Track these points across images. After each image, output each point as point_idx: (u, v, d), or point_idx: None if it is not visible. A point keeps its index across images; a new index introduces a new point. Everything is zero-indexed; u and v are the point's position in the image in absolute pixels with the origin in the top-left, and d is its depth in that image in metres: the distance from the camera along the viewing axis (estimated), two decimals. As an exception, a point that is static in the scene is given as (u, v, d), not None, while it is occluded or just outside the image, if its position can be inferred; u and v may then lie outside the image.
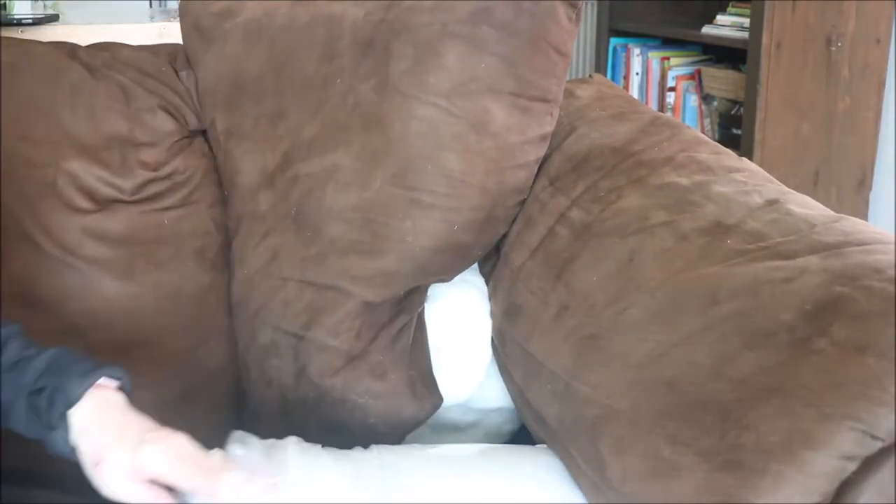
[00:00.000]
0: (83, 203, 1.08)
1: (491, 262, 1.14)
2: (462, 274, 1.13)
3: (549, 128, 1.09)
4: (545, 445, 0.95)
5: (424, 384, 1.07)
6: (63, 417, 0.74)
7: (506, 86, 1.03)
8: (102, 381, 0.76)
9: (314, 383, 1.05)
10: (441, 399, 1.08)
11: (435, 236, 1.03)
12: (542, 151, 1.09)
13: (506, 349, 1.06)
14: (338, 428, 1.05)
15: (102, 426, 0.75)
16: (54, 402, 0.74)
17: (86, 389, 0.75)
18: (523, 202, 1.10)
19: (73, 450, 0.74)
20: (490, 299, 1.11)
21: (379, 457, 0.92)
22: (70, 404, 0.74)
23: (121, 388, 0.78)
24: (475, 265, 1.16)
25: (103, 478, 0.73)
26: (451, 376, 1.08)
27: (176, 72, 1.20)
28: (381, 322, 1.06)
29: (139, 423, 0.76)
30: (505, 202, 1.07)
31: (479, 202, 1.04)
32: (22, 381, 0.76)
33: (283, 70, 1.13)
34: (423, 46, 1.04)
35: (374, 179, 1.04)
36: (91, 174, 1.08)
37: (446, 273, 1.09)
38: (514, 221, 1.11)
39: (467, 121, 1.02)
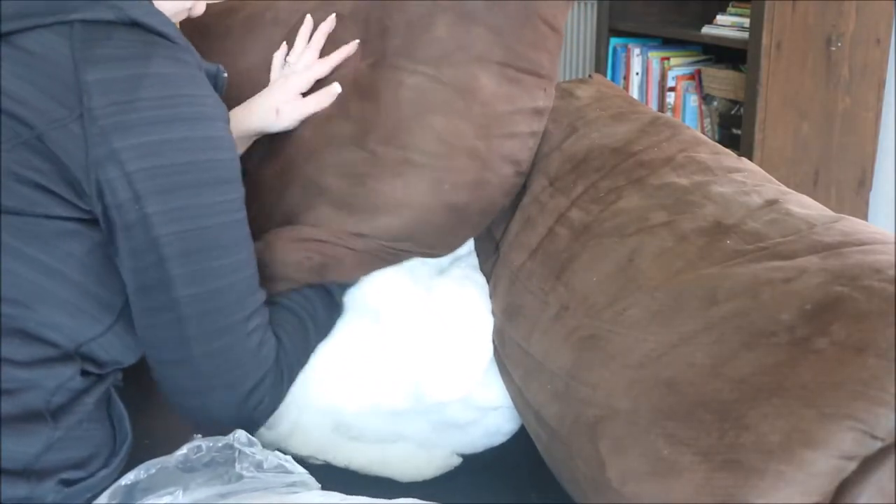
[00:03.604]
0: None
1: (491, 261, 1.14)
2: (463, 271, 1.14)
3: (541, 103, 1.10)
4: None
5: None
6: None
7: (494, 55, 1.05)
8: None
9: None
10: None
11: (425, 193, 1.05)
12: (535, 126, 1.11)
13: (505, 349, 1.06)
14: None
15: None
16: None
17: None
18: (520, 175, 1.11)
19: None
20: (490, 298, 1.11)
21: None
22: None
23: None
24: (476, 263, 1.16)
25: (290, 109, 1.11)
26: (452, 372, 1.08)
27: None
28: None
29: None
30: (497, 169, 1.08)
31: (468, 164, 1.06)
32: None
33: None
34: (415, 22, 1.07)
35: (368, 141, 1.07)
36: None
37: (444, 235, 1.11)
38: (515, 211, 1.11)
39: (454, 87, 1.05)
